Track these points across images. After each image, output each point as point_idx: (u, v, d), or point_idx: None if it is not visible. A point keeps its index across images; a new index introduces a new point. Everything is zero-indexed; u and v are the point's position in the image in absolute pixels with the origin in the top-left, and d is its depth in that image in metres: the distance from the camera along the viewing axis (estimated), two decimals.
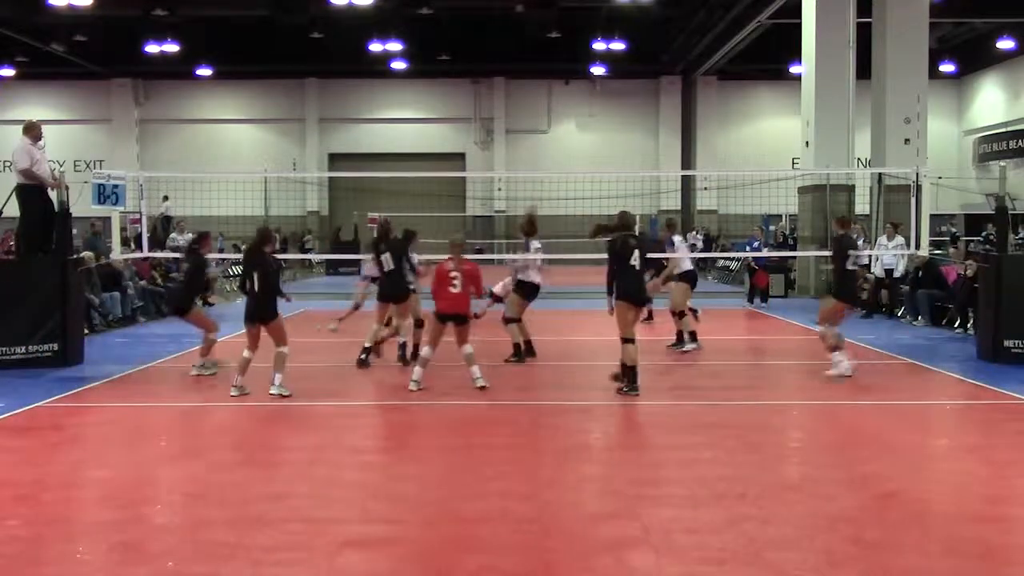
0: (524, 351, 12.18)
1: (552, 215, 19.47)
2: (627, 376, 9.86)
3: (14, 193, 12.46)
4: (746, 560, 5.24)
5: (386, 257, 11.59)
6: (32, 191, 12.31)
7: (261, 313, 9.97)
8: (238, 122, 40.94)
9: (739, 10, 28.45)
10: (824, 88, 22.09)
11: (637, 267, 9.84)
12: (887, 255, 17.71)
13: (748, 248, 20.98)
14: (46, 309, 11.89)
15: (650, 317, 16.23)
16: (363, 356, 11.84)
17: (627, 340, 9.81)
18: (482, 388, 10.03)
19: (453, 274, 10.03)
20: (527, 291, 12.14)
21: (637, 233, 10.68)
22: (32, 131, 12.41)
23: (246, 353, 10.01)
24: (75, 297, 12.46)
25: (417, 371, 10.16)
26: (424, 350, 10.27)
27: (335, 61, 35.97)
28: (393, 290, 11.63)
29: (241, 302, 20.34)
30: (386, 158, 39.12)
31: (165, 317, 18.01)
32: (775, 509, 6.17)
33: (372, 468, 7.36)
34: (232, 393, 9.87)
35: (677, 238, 14.07)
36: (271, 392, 9.77)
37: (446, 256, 10.30)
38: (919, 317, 16.39)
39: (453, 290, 9.99)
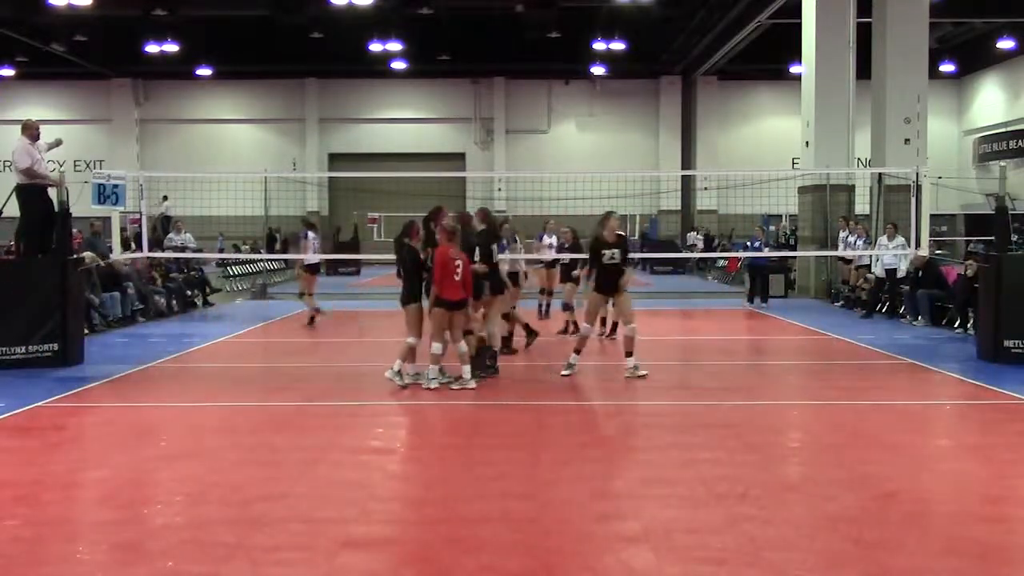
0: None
1: (552, 215, 19.47)
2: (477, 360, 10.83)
3: (14, 193, 12.46)
4: (746, 560, 5.24)
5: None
6: (32, 191, 12.31)
7: (402, 299, 10.52)
8: (238, 122, 40.96)
9: (739, 10, 28.46)
10: (824, 88, 22.10)
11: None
12: (887, 255, 17.72)
13: (749, 247, 20.95)
14: (46, 309, 11.89)
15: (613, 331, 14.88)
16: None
17: (468, 332, 10.74)
18: (472, 388, 10.09)
19: (457, 263, 10.12)
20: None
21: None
22: (30, 130, 12.42)
23: (409, 340, 10.39)
24: (75, 297, 12.46)
25: (433, 369, 10.24)
26: (435, 346, 10.25)
27: (335, 61, 35.99)
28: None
29: (241, 302, 20.41)
30: (386, 158, 39.14)
31: (165, 317, 18.04)
32: (775, 509, 6.17)
33: (372, 468, 7.35)
34: (399, 382, 10.30)
35: (546, 238, 15.53)
36: (385, 375, 10.39)
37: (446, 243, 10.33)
38: (919, 317, 16.39)
39: (456, 278, 10.12)
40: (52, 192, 12.52)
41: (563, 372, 11.12)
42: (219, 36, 33.08)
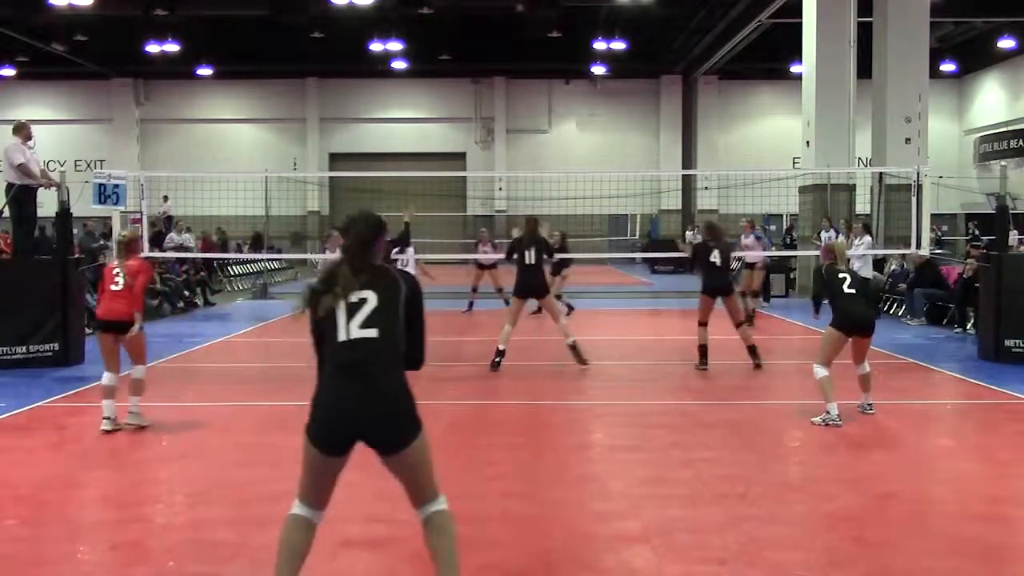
0: None
1: (552, 215, 19.47)
2: None
3: (6, 193, 12.42)
4: (747, 560, 5.24)
5: (530, 252, 11.50)
6: (22, 191, 12.26)
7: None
8: (238, 122, 40.94)
9: (739, 9, 28.45)
10: (825, 87, 22.08)
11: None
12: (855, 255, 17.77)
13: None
14: (46, 309, 11.89)
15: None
16: (497, 360, 11.53)
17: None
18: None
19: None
20: None
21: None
22: (22, 131, 12.40)
23: None
24: (75, 297, 12.46)
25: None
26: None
27: (335, 61, 35.98)
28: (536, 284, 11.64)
29: (242, 302, 20.35)
30: (387, 158, 39.12)
31: (163, 317, 18.04)
32: (776, 509, 6.17)
33: (372, 468, 7.31)
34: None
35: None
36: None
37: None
38: (917, 317, 16.43)
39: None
40: (41, 196, 12.55)
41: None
42: (219, 36, 33.06)
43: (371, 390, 4.07)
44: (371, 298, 4.08)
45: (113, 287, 8.27)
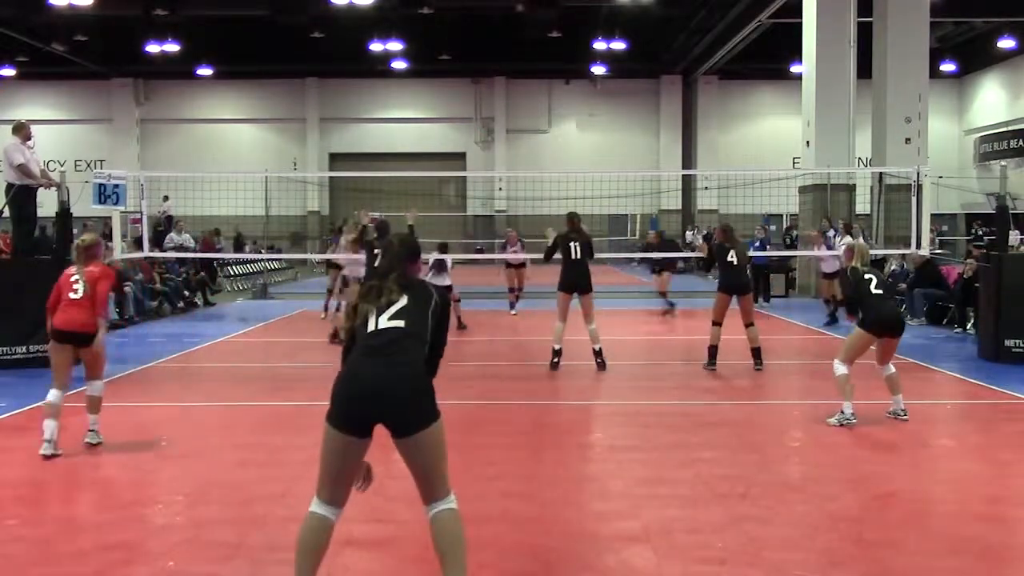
0: None
1: (552, 215, 19.45)
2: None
3: (6, 193, 12.41)
4: (747, 560, 5.23)
5: (575, 246, 11.49)
6: (22, 191, 12.25)
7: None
8: (238, 122, 40.94)
9: (739, 9, 28.45)
10: (825, 87, 22.10)
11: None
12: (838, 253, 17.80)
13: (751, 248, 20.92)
14: (47, 309, 11.86)
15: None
16: (556, 360, 11.58)
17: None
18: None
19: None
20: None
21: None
22: (22, 131, 12.37)
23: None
24: None
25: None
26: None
27: (335, 61, 35.99)
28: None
29: (242, 302, 20.31)
30: (387, 158, 39.12)
31: (164, 317, 18.04)
32: (776, 509, 6.17)
33: (377, 466, 7.32)
34: None
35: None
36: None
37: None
38: (917, 317, 16.42)
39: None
40: (41, 196, 12.53)
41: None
42: (219, 36, 33.05)
43: (393, 368, 4.29)
44: (403, 299, 4.44)
45: (71, 295, 7.76)
